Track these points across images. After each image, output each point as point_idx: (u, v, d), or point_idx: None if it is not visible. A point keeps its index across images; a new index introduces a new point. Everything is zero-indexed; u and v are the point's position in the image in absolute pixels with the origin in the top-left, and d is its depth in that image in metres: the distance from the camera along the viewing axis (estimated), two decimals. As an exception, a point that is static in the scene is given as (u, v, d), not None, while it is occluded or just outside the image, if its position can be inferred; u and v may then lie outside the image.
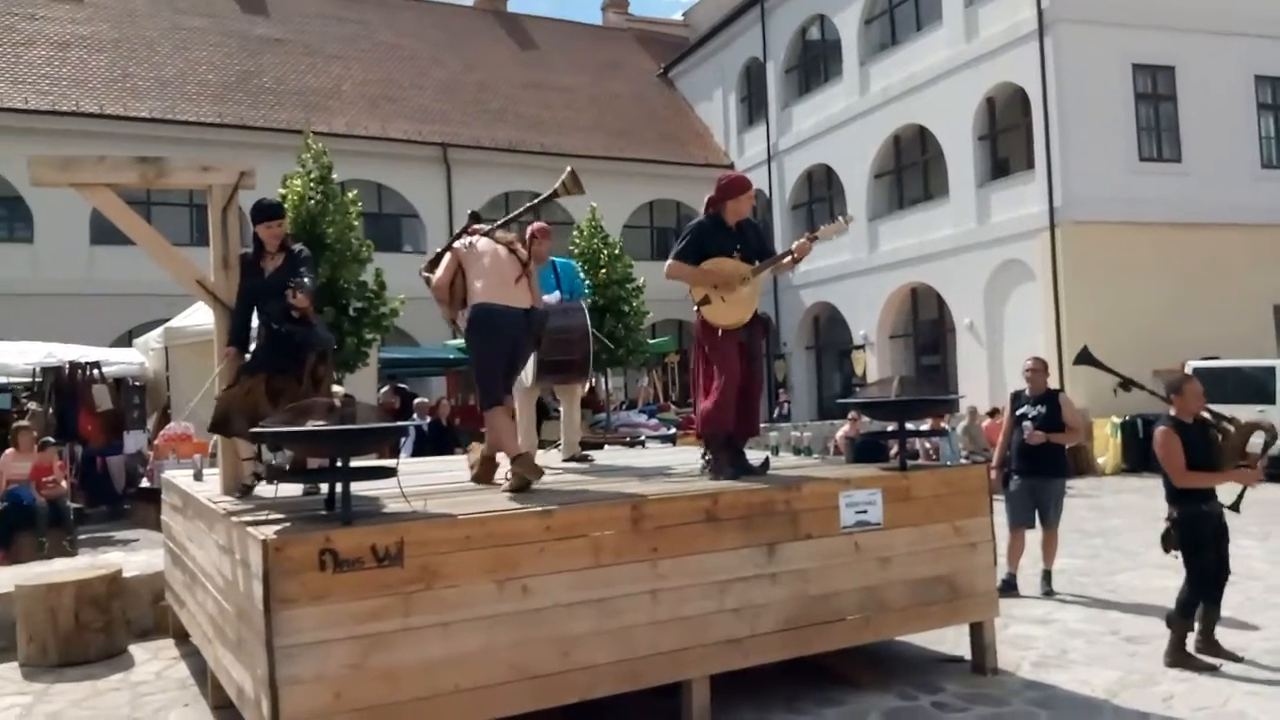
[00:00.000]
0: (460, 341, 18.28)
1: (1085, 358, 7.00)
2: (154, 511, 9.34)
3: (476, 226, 5.91)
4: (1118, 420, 17.86)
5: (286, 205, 15.96)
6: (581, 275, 8.10)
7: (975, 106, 21.73)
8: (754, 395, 5.82)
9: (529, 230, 7.12)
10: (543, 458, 7.45)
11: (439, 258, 5.92)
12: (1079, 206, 19.52)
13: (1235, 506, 5.86)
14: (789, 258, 5.82)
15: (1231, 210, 20.29)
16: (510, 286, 5.59)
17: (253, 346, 5.68)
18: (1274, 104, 21.72)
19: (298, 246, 5.69)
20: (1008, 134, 21.86)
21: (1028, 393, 8.15)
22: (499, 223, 6.06)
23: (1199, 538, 5.80)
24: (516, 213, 6.44)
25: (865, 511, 5.29)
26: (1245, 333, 19.62)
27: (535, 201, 6.37)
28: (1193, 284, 19.64)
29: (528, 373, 6.68)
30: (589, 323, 6.87)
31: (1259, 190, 20.92)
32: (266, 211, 5.59)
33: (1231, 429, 5.92)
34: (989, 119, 22.01)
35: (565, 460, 7.20)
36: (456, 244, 5.82)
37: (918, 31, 23.69)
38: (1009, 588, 7.82)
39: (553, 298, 6.82)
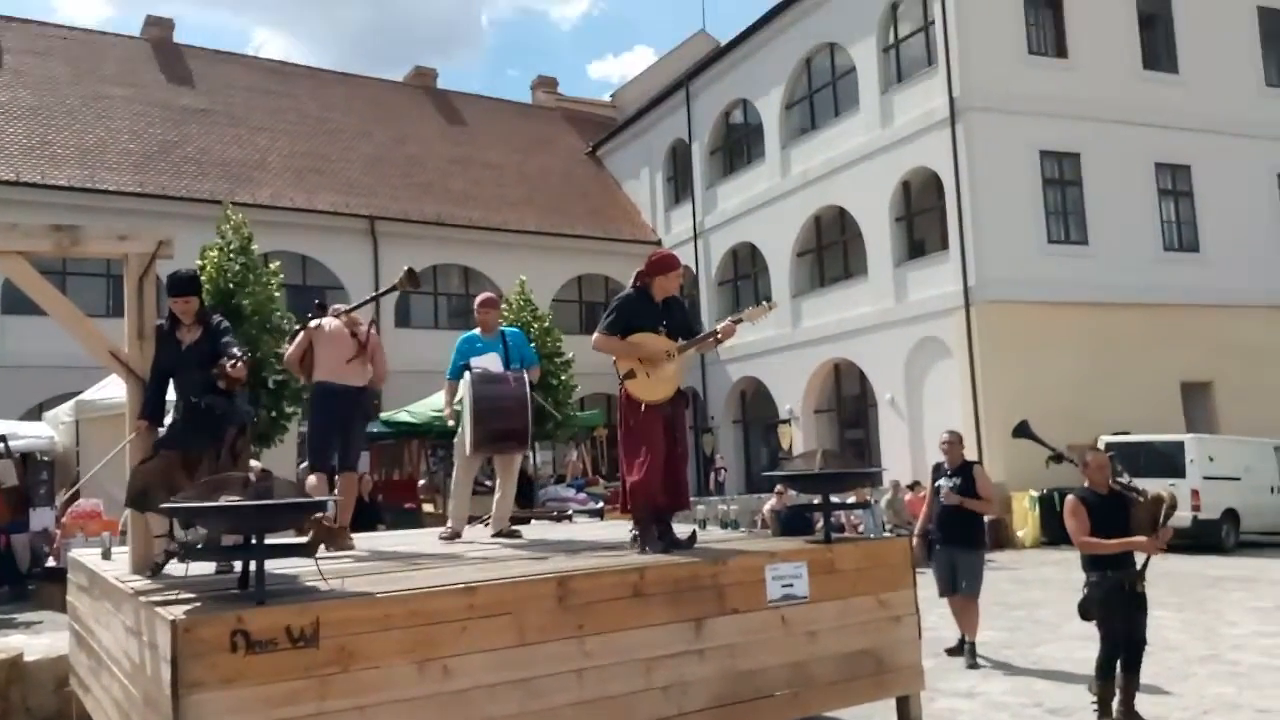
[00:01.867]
0: (386, 414, 18.17)
1: (1023, 431, 7.17)
2: (60, 592, 8.93)
3: (333, 309, 6.70)
4: (1036, 494, 18.23)
5: (203, 276, 15.71)
6: (531, 345, 8.14)
7: (892, 189, 22.45)
8: (679, 469, 5.82)
9: (476, 300, 7.22)
10: (471, 532, 7.35)
11: (296, 335, 6.70)
12: (992, 287, 20.15)
13: (1140, 575, 6.02)
14: (713, 338, 5.89)
15: (1136, 291, 21.14)
16: (344, 366, 6.49)
17: (168, 420, 5.53)
18: (1174, 190, 22.77)
19: (216, 318, 5.59)
20: (923, 216, 22.56)
21: (945, 465, 8.42)
22: (346, 309, 6.76)
23: (1109, 603, 5.98)
24: (360, 302, 7.14)
25: (791, 585, 5.28)
26: (1155, 409, 20.30)
27: (375, 294, 7.23)
28: (1104, 361, 20.30)
29: (466, 442, 6.67)
30: (528, 391, 6.83)
31: (1161, 271, 21.85)
32: (180, 286, 5.47)
33: (1142, 500, 6.11)
34: (905, 201, 22.73)
35: (494, 535, 7.09)
36: (310, 324, 6.57)
37: (836, 117, 24.51)
38: (965, 650, 8.08)
39: (489, 361, 6.85)
